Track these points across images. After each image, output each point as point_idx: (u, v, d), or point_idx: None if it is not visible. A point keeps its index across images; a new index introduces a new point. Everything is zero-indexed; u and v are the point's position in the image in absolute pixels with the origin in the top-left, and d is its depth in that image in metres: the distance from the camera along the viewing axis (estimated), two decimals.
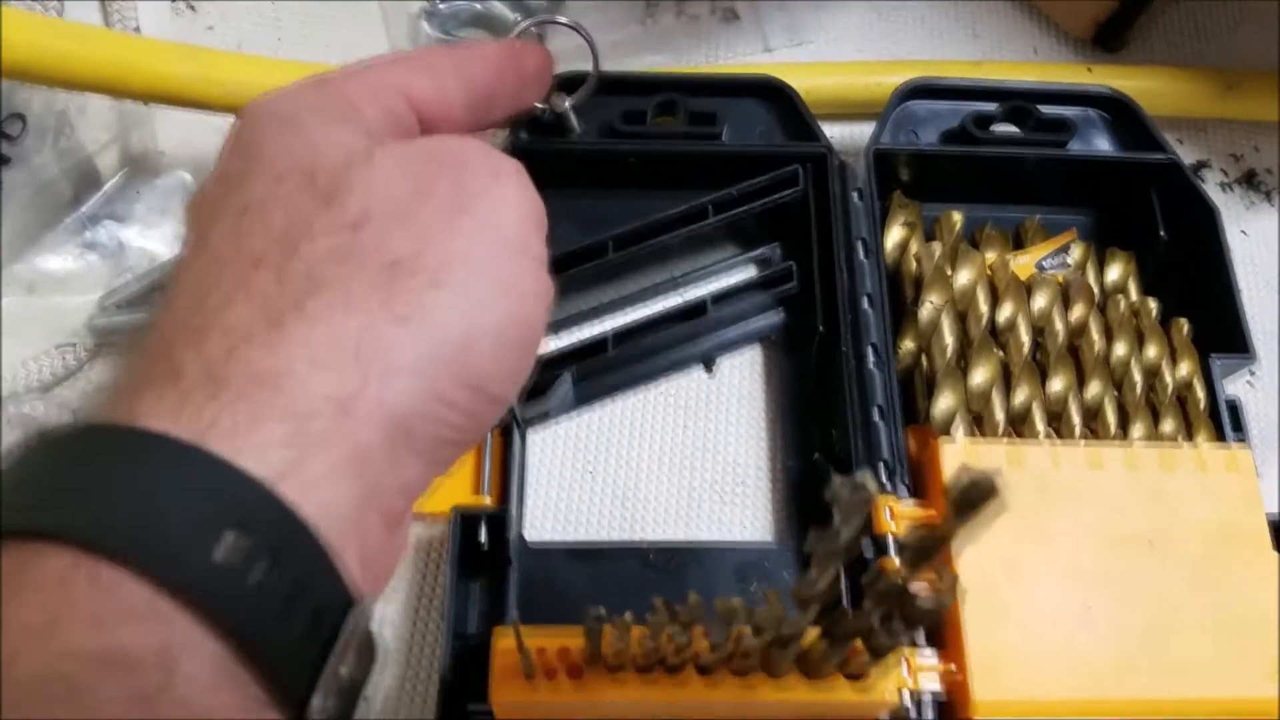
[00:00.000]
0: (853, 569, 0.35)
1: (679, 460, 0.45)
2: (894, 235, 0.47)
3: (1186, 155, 0.53)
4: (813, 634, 0.31)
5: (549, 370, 0.43)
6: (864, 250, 0.44)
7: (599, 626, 0.29)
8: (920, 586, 0.27)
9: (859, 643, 0.31)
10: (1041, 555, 0.39)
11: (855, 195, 0.45)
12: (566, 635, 0.34)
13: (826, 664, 0.32)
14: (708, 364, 0.47)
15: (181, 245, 0.28)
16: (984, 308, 0.44)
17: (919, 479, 0.41)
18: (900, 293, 0.46)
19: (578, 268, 0.43)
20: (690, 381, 0.47)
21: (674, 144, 0.45)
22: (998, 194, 0.49)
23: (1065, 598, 0.38)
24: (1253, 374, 0.49)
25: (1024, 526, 0.39)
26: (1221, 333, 0.44)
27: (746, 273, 0.48)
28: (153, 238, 0.46)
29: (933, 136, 0.48)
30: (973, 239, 0.48)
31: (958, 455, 0.40)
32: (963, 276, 0.44)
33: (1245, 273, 0.52)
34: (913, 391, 0.44)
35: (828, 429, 0.43)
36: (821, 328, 0.44)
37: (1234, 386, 0.48)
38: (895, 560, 0.31)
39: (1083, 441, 0.41)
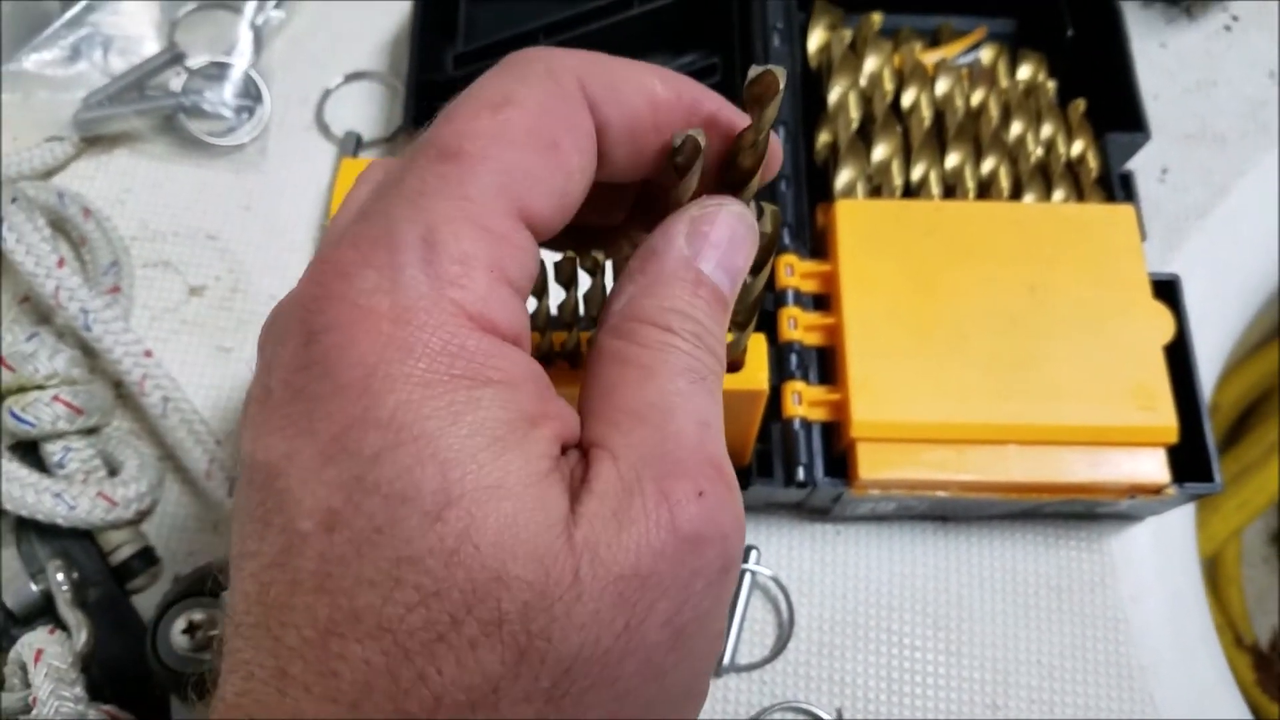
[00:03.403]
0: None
1: None
2: (816, 38, 0.50)
3: None
4: None
5: None
6: (780, 39, 0.47)
7: None
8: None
9: None
10: (926, 299, 0.42)
11: None
12: None
13: None
14: None
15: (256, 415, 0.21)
16: (889, 87, 0.47)
17: (820, 244, 0.45)
18: (820, 91, 0.49)
19: None
20: None
21: None
22: (919, 1, 0.52)
23: (945, 334, 0.41)
24: (1164, 172, 0.52)
25: (911, 275, 0.42)
26: (1118, 112, 0.47)
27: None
28: (133, 41, 0.50)
29: None
30: (893, 43, 0.51)
31: (854, 211, 0.43)
32: (870, 63, 0.47)
33: (1160, 82, 0.54)
34: (827, 180, 0.47)
35: None
36: None
37: (1145, 184, 0.51)
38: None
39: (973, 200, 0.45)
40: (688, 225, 0.25)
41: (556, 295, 0.31)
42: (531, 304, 0.31)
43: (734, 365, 0.35)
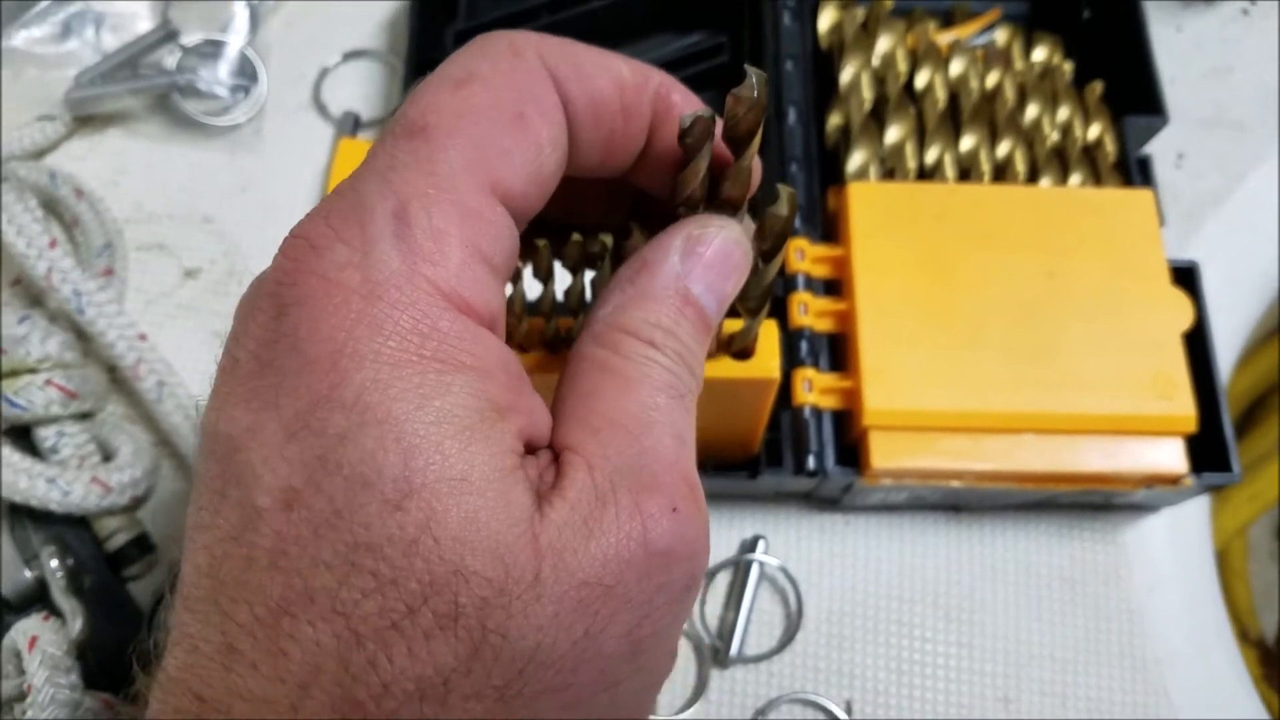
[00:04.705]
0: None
1: None
2: (827, 17, 0.49)
3: None
4: None
5: None
6: (790, 18, 0.46)
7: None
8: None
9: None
10: (940, 284, 0.41)
11: None
12: None
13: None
14: None
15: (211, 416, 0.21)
16: (902, 68, 0.46)
17: (832, 228, 0.44)
18: (832, 71, 0.48)
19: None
20: None
21: None
22: None
23: (961, 321, 0.40)
24: (1180, 158, 0.51)
25: (924, 260, 0.41)
26: (1136, 95, 0.46)
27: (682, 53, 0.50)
28: (125, 18, 0.49)
29: None
30: (906, 23, 0.50)
31: (866, 194, 0.42)
32: (883, 43, 0.46)
33: (1176, 67, 0.53)
34: (839, 162, 0.46)
35: None
36: None
37: (1162, 170, 0.50)
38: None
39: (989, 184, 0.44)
40: (683, 242, 0.24)
41: (563, 281, 0.30)
42: (537, 289, 0.30)
43: (745, 353, 0.34)
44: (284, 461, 0.19)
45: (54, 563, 0.39)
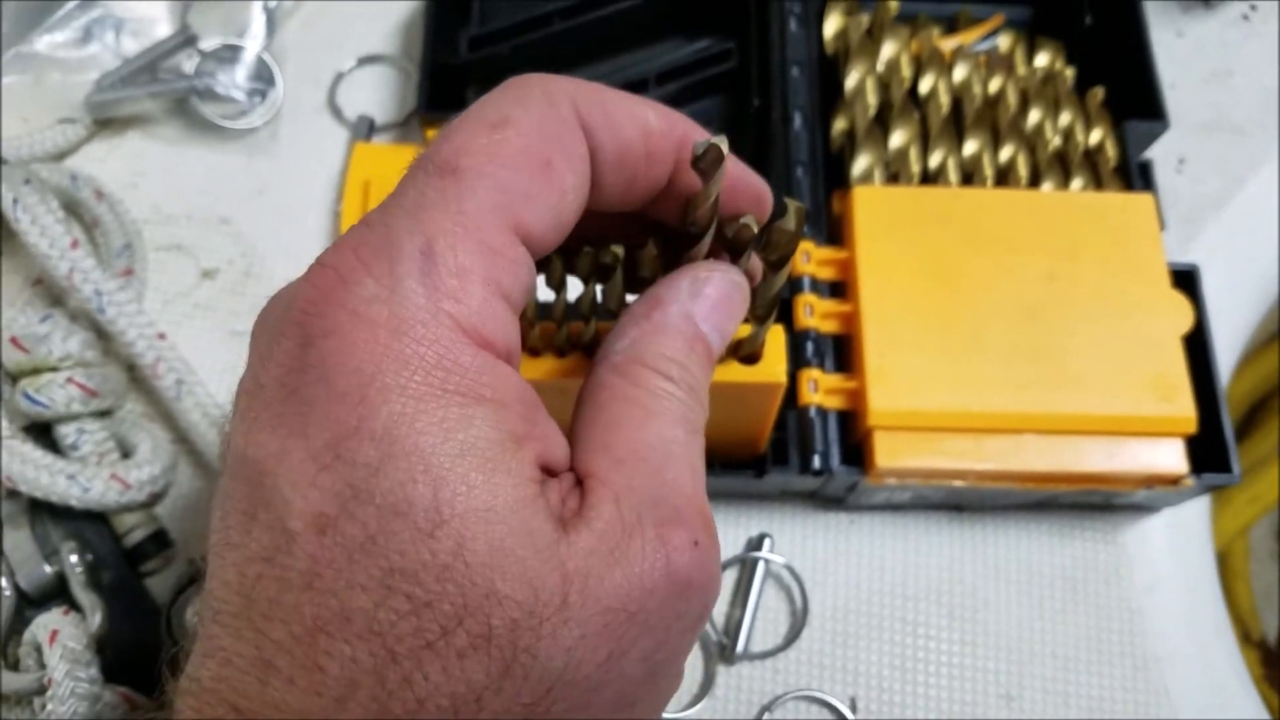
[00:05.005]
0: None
1: None
2: (833, 23, 0.50)
3: None
4: None
5: None
6: (796, 24, 0.47)
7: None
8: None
9: None
10: (943, 287, 0.41)
11: None
12: None
13: None
14: None
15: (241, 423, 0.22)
16: (906, 73, 0.46)
17: (837, 231, 0.45)
18: (837, 76, 0.49)
19: (524, 37, 0.46)
20: None
21: None
22: None
23: (963, 323, 0.41)
24: (1181, 162, 0.52)
25: (928, 262, 0.42)
26: (1137, 100, 0.46)
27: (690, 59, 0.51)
28: (145, 23, 0.50)
29: None
30: (911, 28, 0.51)
31: (871, 198, 0.43)
32: (887, 49, 0.47)
33: (1177, 72, 0.54)
34: (844, 168, 0.47)
35: None
36: (757, 101, 0.47)
37: (1163, 174, 0.51)
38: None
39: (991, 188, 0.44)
40: (690, 282, 0.26)
41: (574, 289, 0.31)
42: (550, 297, 0.31)
43: (752, 358, 0.34)
44: (315, 489, 0.20)
45: (73, 558, 0.40)
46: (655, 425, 0.24)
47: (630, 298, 0.30)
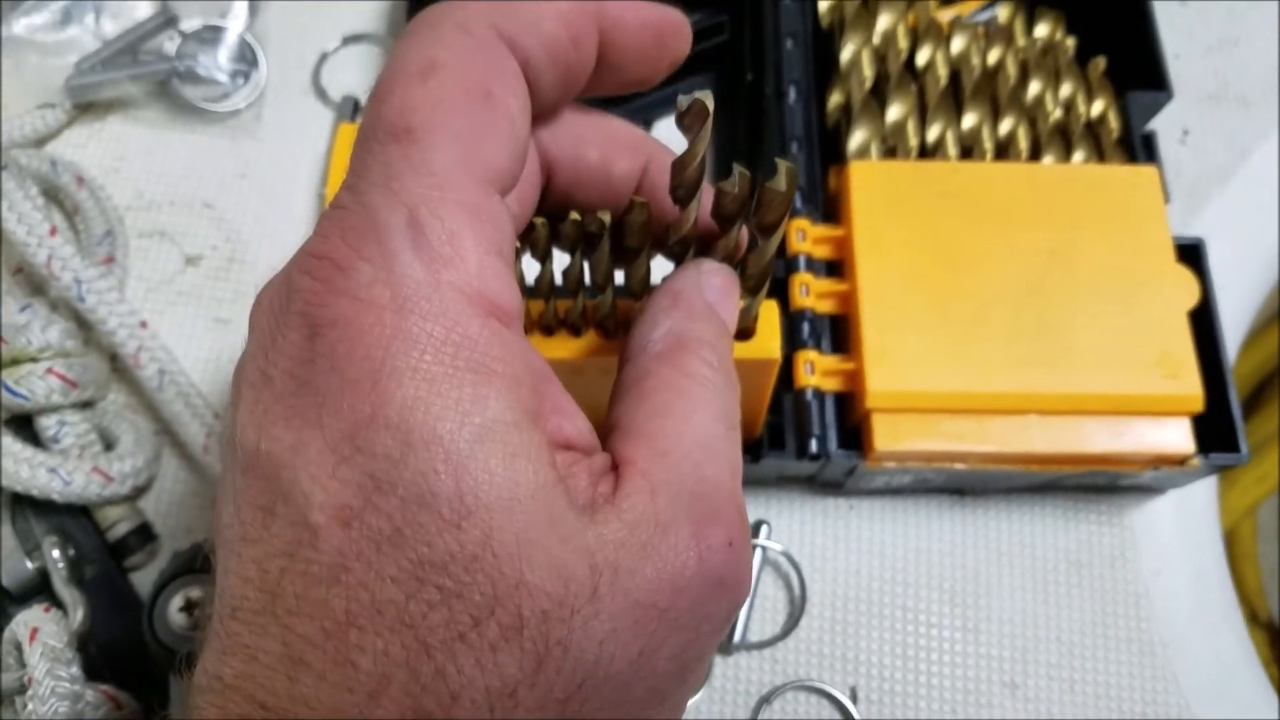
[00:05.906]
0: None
1: None
2: None
3: None
4: None
5: None
6: None
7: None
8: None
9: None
10: (943, 264, 0.40)
11: None
12: None
13: None
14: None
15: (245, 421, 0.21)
16: (903, 45, 0.45)
17: (833, 208, 0.43)
18: (832, 49, 0.48)
19: None
20: None
21: None
22: None
23: (964, 301, 0.40)
24: (1185, 134, 0.51)
25: (927, 239, 0.41)
26: (1139, 71, 0.45)
27: None
28: (125, 5, 0.49)
29: None
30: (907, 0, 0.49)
31: (868, 173, 0.42)
32: (883, 21, 0.46)
33: (1180, 41, 0.53)
34: (840, 142, 0.45)
35: (751, 169, 0.45)
36: (750, 76, 0.46)
37: (1166, 146, 0.49)
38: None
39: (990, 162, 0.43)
40: (696, 274, 0.27)
41: (560, 262, 0.30)
42: (535, 270, 0.30)
43: (745, 333, 0.33)
44: (335, 481, 0.20)
45: (55, 553, 0.39)
46: (700, 418, 0.24)
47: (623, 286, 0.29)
